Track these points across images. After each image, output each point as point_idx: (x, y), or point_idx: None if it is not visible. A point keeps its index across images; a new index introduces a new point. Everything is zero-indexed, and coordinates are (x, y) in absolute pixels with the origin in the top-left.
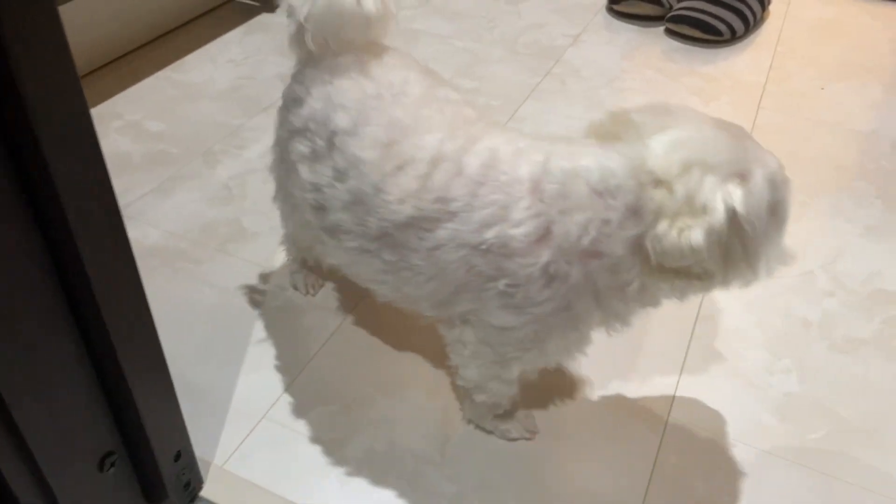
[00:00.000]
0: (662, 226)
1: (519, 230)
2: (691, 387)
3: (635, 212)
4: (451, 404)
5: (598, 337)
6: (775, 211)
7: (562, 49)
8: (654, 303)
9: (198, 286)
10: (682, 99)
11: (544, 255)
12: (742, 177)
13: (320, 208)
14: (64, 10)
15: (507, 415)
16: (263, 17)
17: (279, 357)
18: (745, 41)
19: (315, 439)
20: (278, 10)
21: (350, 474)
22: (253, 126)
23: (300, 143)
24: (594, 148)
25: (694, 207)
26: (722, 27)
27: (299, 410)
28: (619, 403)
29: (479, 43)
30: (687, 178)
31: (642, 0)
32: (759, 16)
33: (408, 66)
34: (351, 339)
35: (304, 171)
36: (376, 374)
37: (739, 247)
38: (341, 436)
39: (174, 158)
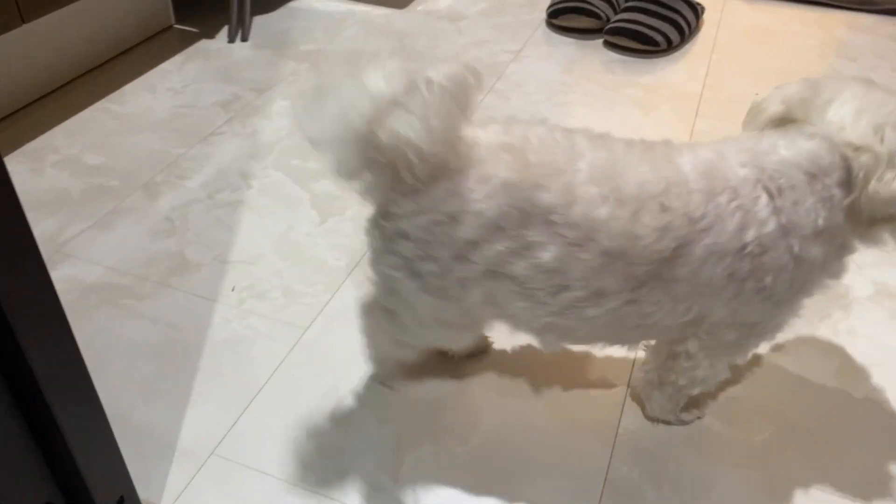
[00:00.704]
0: (874, 185)
1: (769, 227)
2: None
3: (846, 182)
4: (403, 428)
5: (545, 356)
6: None
7: (504, 65)
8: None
9: (141, 322)
10: (624, 109)
11: (794, 246)
12: None
13: (561, 289)
14: None
15: (685, 405)
16: (202, 44)
17: (226, 391)
18: (682, 51)
19: (265, 473)
20: (218, 36)
21: None
22: (194, 155)
23: (494, 246)
24: (780, 138)
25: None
26: (658, 38)
27: (248, 445)
28: (569, 417)
29: (419, 62)
30: (881, 138)
31: (580, 14)
32: (693, 25)
33: (508, 121)
34: (299, 370)
35: (522, 267)
36: (325, 403)
37: None
38: (292, 468)
39: (114, 192)
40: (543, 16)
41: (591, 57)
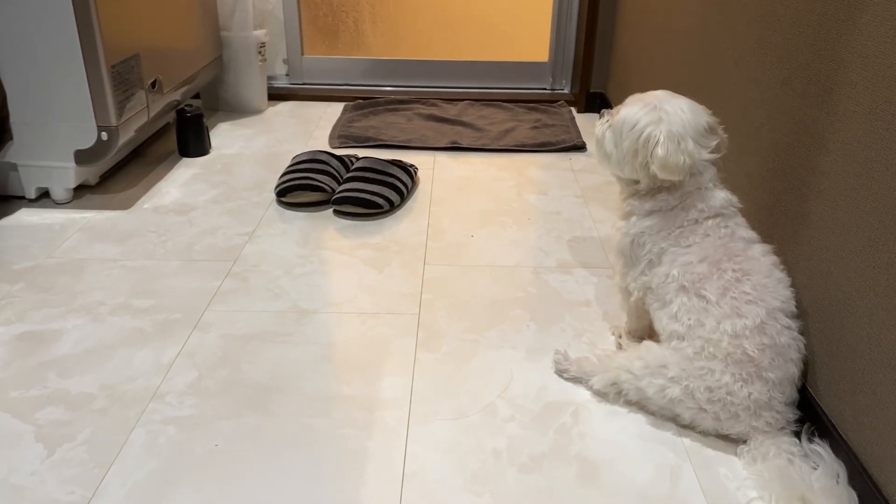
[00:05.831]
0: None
1: None
2: None
3: None
4: None
5: None
6: None
7: (238, 248)
8: None
9: None
10: (359, 270)
11: None
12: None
13: None
14: None
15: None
16: None
17: None
18: (404, 208)
19: None
20: None
21: None
22: None
23: None
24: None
25: None
26: (380, 201)
27: None
28: None
29: (151, 259)
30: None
31: (306, 190)
32: (409, 185)
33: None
34: None
35: None
36: None
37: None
38: None
39: None
40: (273, 196)
41: (324, 226)
